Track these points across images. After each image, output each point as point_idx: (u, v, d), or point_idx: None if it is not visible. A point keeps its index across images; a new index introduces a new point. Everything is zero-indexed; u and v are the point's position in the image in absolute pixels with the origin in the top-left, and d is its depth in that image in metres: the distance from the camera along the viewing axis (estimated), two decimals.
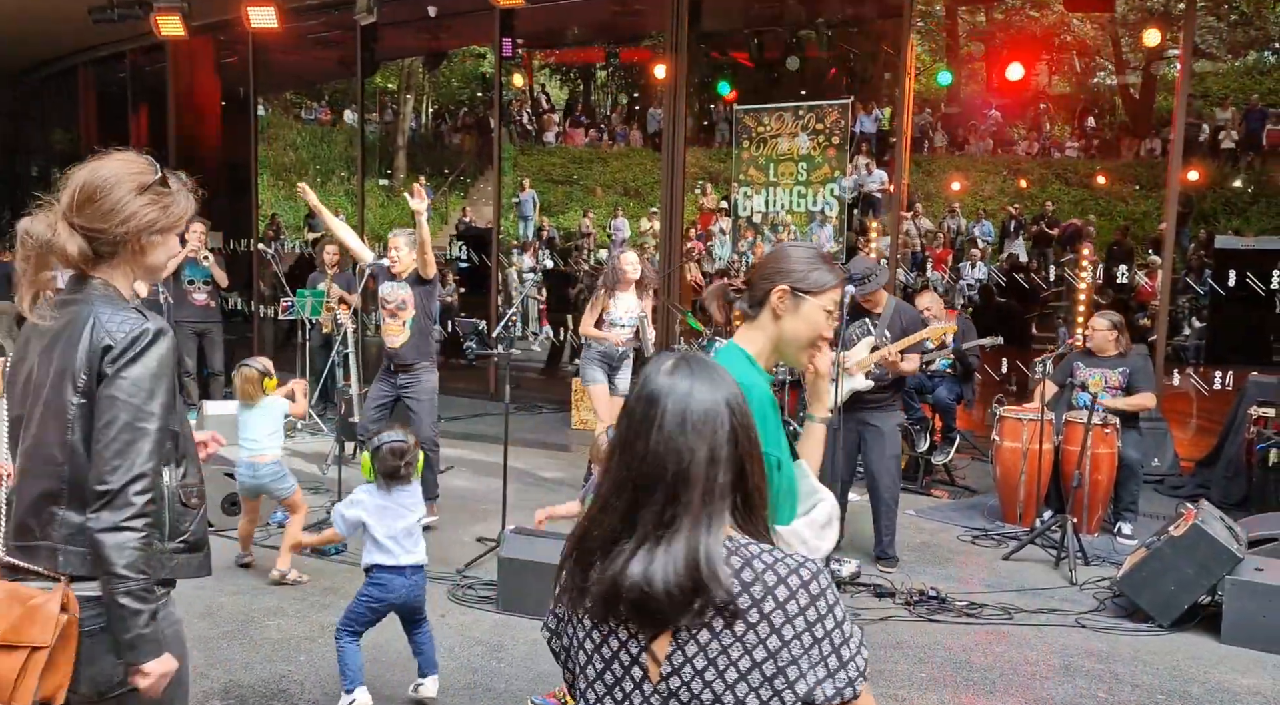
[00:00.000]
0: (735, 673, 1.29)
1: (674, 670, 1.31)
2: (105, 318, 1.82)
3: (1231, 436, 6.98)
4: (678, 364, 1.41)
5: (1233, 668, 4.14)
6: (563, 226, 18.63)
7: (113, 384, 1.78)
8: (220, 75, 13.30)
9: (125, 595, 1.75)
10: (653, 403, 1.36)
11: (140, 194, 1.86)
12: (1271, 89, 17.89)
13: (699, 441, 1.34)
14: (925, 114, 18.28)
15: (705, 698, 1.30)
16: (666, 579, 1.28)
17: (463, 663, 4.03)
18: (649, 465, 1.34)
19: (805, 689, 1.29)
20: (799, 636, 1.29)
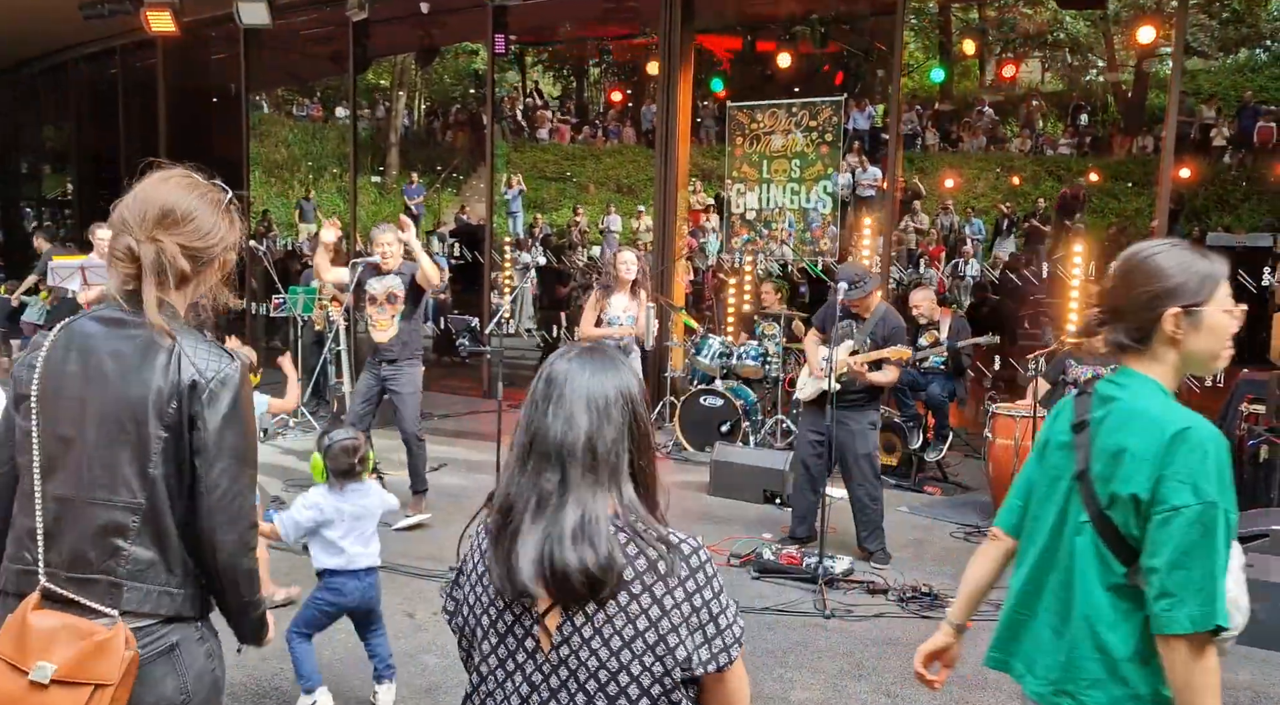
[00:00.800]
0: (620, 641, 1.38)
1: (564, 640, 1.40)
2: (190, 349, 1.78)
3: (1222, 433, 7.01)
4: (582, 352, 1.50)
5: (1224, 663, 4.12)
6: (555, 224, 18.62)
7: (222, 433, 1.78)
8: (211, 71, 13.25)
9: (255, 610, 1.95)
10: (552, 383, 1.46)
11: (223, 215, 1.88)
12: (1263, 86, 17.96)
13: (599, 419, 1.43)
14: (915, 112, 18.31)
15: (591, 665, 1.39)
16: (575, 553, 1.37)
17: (455, 660, 4.01)
18: (549, 440, 1.43)
19: (684, 655, 1.38)
20: (678, 606, 1.38)
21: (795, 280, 11.89)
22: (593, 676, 1.39)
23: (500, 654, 1.46)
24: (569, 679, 1.41)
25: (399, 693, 3.72)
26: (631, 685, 1.38)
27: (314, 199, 18.68)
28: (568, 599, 1.38)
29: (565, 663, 1.40)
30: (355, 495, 3.50)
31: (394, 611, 4.51)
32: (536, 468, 1.43)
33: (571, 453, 1.41)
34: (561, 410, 1.43)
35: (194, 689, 1.84)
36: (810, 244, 9.32)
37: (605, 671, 1.39)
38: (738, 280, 9.91)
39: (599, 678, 1.39)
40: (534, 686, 1.43)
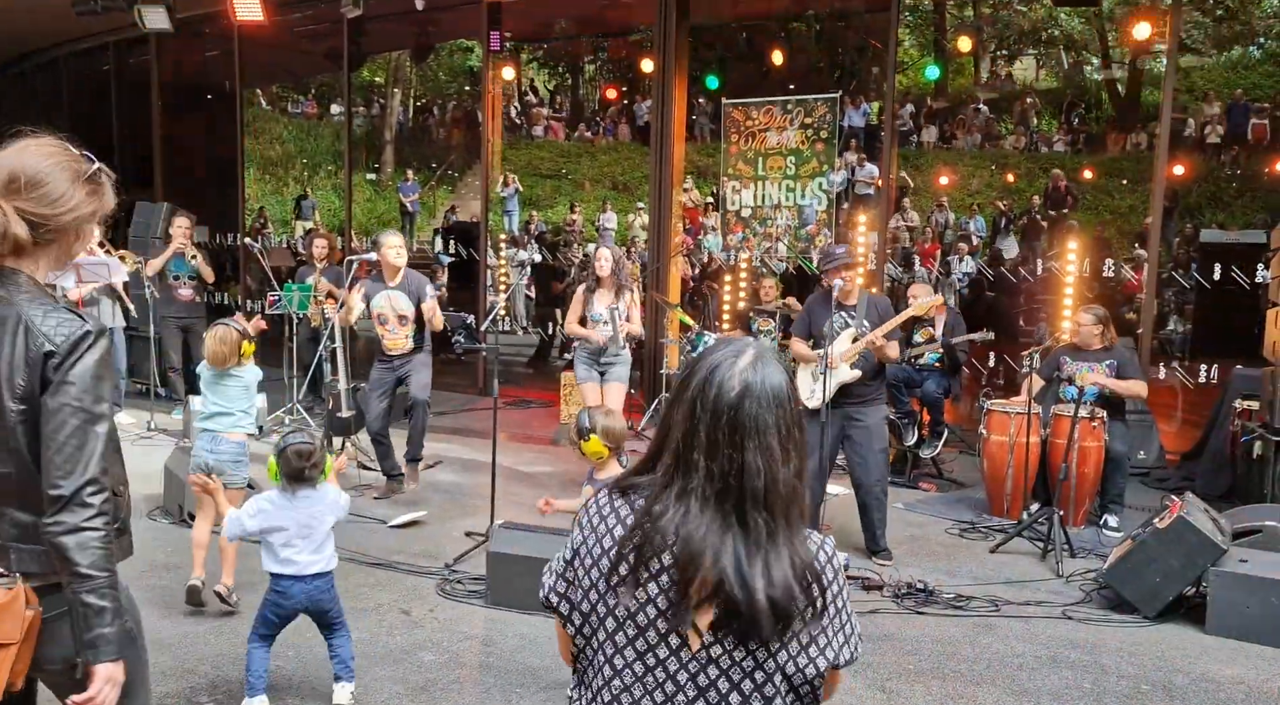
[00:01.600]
0: (777, 642, 1.38)
1: (716, 640, 1.38)
2: (39, 319, 1.78)
3: (1216, 429, 7.03)
4: (757, 359, 1.42)
5: (1217, 658, 4.17)
6: (551, 221, 18.60)
7: (60, 390, 1.78)
8: (206, 68, 13.21)
9: (90, 593, 1.77)
10: (738, 406, 1.38)
11: (80, 184, 1.85)
12: (1256, 83, 18.00)
13: (794, 451, 1.40)
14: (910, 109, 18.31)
15: (747, 665, 1.38)
16: (782, 595, 1.35)
17: (452, 657, 4.03)
18: (750, 475, 1.37)
19: (833, 654, 1.43)
20: (828, 606, 1.41)
21: (791, 276, 11.89)
22: (748, 676, 1.39)
23: (638, 646, 1.41)
24: (719, 677, 1.39)
25: (394, 689, 3.72)
26: (783, 683, 1.41)
27: (313, 198, 18.64)
28: (757, 637, 1.37)
29: (716, 661, 1.39)
30: (306, 502, 3.46)
31: (389, 608, 4.52)
32: (738, 507, 1.36)
33: (776, 491, 1.37)
34: (755, 441, 1.37)
35: None
36: (805, 241, 9.32)
37: (761, 672, 1.39)
38: (733, 277, 9.91)
39: (755, 678, 1.39)
40: (679, 684, 1.40)
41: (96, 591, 1.77)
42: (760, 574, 1.34)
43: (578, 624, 1.48)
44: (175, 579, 4.77)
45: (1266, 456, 5.96)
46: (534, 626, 4.29)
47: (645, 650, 1.41)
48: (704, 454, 1.37)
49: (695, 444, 1.38)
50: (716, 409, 1.37)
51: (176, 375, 8.93)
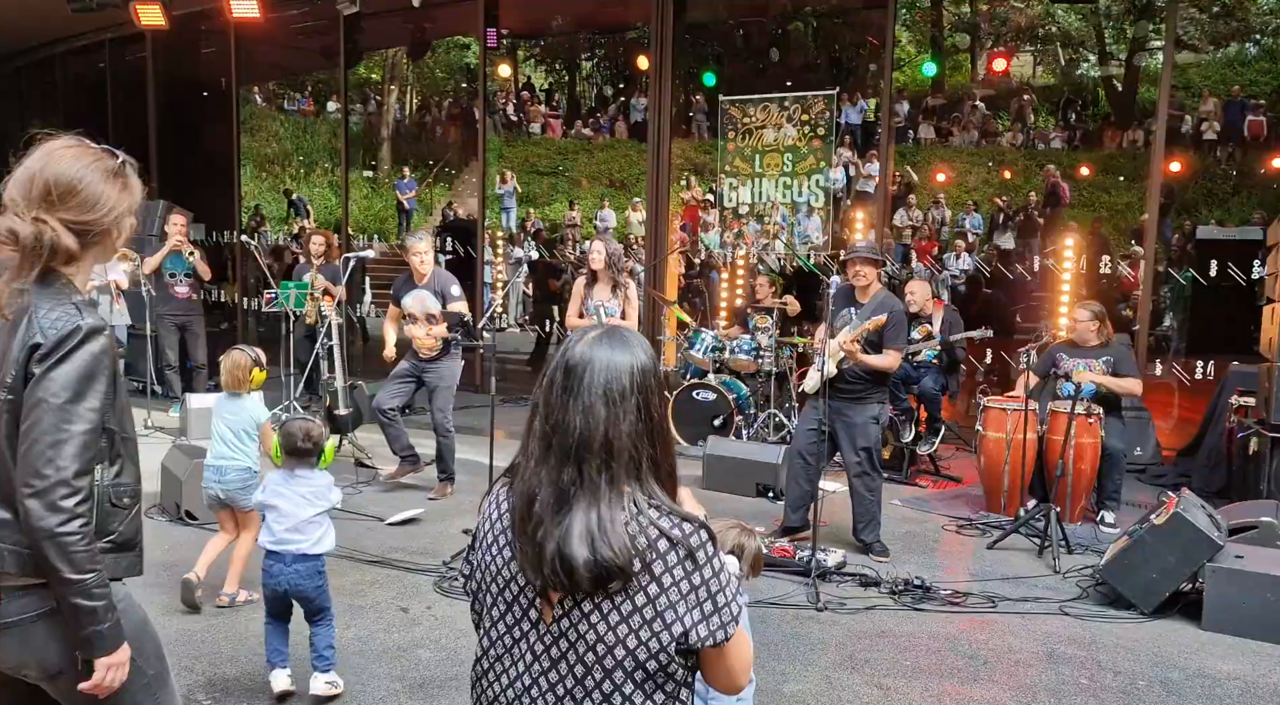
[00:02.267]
0: (618, 616, 1.42)
1: (564, 612, 1.45)
2: (41, 313, 1.76)
3: (1212, 425, 7.05)
4: (599, 335, 1.51)
5: (1213, 653, 4.18)
6: (548, 218, 18.59)
7: (39, 385, 1.73)
8: (201, 65, 13.18)
9: (78, 596, 1.74)
10: (571, 372, 1.47)
11: (113, 180, 1.84)
12: (1253, 80, 18.02)
13: (616, 411, 1.45)
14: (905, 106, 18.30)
15: (590, 637, 1.44)
16: (589, 550, 1.39)
17: (450, 654, 4.03)
18: (569, 434, 1.44)
19: (680, 630, 1.42)
20: (676, 584, 1.42)
21: (788, 273, 11.90)
22: (590, 649, 1.44)
23: (508, 621, 1.52)
24: (568, 650, 1.46)
25: (392, 686, 3.72)
26: (627, 658, 1.43)
27: (302, 196, 18.61)
28: (578, 592, 1.42)
29: (565, 635, 1.46)
30: (303, 482, 3.59)
31: (387, 606, 4.52)
32: (558, 462, 1.45)
33: (589, 448, 1.43)
34: (580, 401, 1.45)
35: None
36: (802, 238, 9.32)
37: (602, 645, 1.43)
38: (730, 274, 9.91)
39: (596, 650, 1.43)
40: (536, 656, 1.48)
41: (85, 592, 1.74)
42: (568, 528, 1.40)
43: (472, 602, 1.61)
44: (172, 577, 4.77)
45: (1262, 452, 5.97)
46: None
47: (513, 623, 1.51)
48: (540, 416, 1.49)
49: (536, 410, 1.50)
50: (553, 378, 1.49)
51: (173, 373, 8.92)
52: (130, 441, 1.96)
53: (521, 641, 1.50)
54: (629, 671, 1.43)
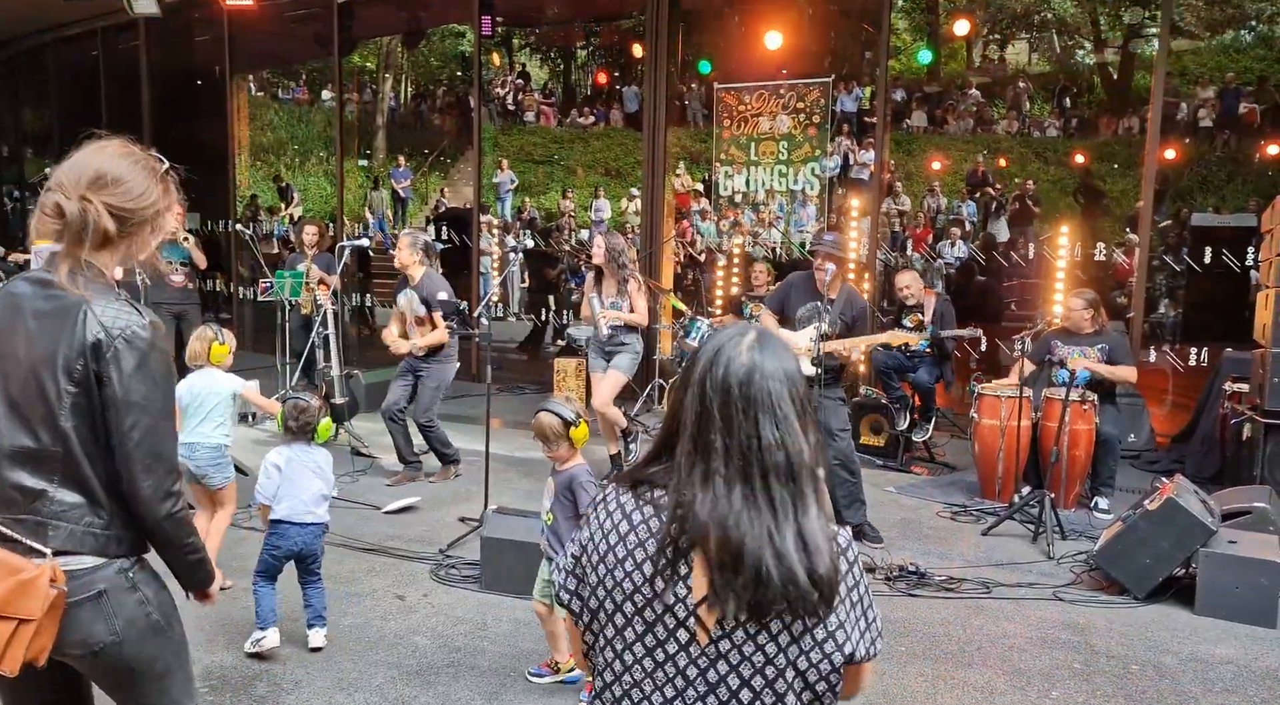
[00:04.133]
0: (788, 636, 1.35)
1: (725, 634, 1.35)
2: (99, 309, 1.87)
3: (1206, 412, 7.07)
4: (759, 341, 1.41)
5: (1206, 638, 4.21)
6: (543, 207, 18.55)
7: (131, 388, 1.87)
8: (195, 54, 13.11)
9: (192, 554, 2.04)
10: (749, 383, 1.37)
11: (154, 178, 1.98)
12: (1247, 68, 18.01)
13: (807, 422, 1.38)
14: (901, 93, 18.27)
15: (757, 660, 1.35)
16: (823, 564, 1.34)
17: (446, 641, 4.04)
18: (769, 449, 1.35)
19: (850, 649, 1.39)
20: (843, 601, 1.38)
21: (783, 262, 11.90)
22: (758, 672, 1.36)
23: (648, 642, 1.40)
24: (729, 673, 1.36)
25: (389, 674, 3.74)
26: (797, 679, 1.37)
27: (290, 184, 18.56)
28: (808, 612, 1.34)
29: (725, 657, 1.36)
30: (304, 454, 3.90)
31: (384, 594, 4.53)
32: (763, 479, 1.34)
33: (800, 463, 1.35)
34: (772, 415, 1.36)
35: (125, 632, 1.94)
36: (797, 226, 9.32)
37: (772, 667, 1.36)
38: (725, 262, 9.91)
39: (765, 673, 1.36)
40: (689, 680, 1.38)
41: (196, 551, 2.04)
42: (795, 548, 1.32)
43: (587, 621, 1.47)
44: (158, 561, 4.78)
45: (1255, 438, 5.99)
46: (527, 611, 4.31)
47: (654, 645, 1.39)
48: (720, 433, 1.35)
49: (711, 425, 1.36)
50: (726, 386, 1.36)
51: None
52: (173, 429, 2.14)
53: (667, 664, 1.38)
54: (797, 692, 1.37)
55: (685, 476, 1.38)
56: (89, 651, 1.92)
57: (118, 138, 2.00)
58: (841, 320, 5.27)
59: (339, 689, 3.61)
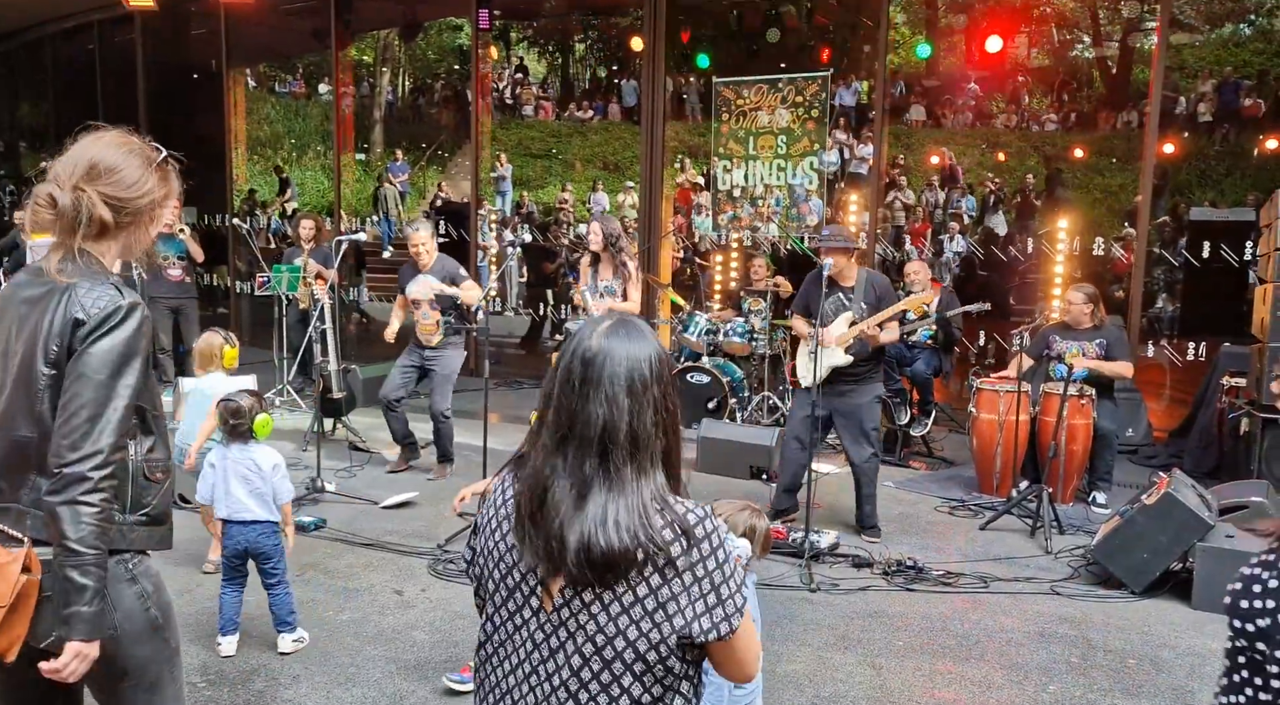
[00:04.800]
0: (618, 606, 1.41)
1: (564, 602, 1.44)
2: (82, 292, 1.85)
3: (1204, 406, 7.08)
4: (613, 326, 1.49)
5: (1203, 632, 4.22)
6: (541, 201, 18.52)
7: (80, 360, 1.81)
8: (191, 47, 13.07)
9: (74, 568, 1.75)
10: (590, 364, 1.44)
11: (150, 169, 1.95)
12: (1246, 61, 17.98)
13: (638, 403, 1.43)
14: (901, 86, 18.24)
15: (590, 628, 1.42)
16: (618, 539, 1.38)
17: (444, 636, 4.04)
18: (591, 425, 1.42)
19: (682, 623, 1.40)
20: (680, 575, 1.40)
21: (781, 256, 11.89)
22: (590, 640, 1.42)
23: (510, 607, 1.51)
24: (567, 640, 1.44)
25: (387, 668, 3.74)
26: (627, 650, 1.41)
27: (288, 176, 18.52)
28: (598, 581, 1.40)
29: (565, 624, 1.44)
30: (241, 453, 3.84)
31: (382, 589, 4.53)
32: (578, 452, 1.43)
33: (613, 439, 1.42)
34: (601, 392, 1.43)
35: (123, 626, 1.90)
36: (796, 220, 9.30)
37: (602, 635, 1.42)
38: (724, 257, 9.90)
39: (595, 641, 1.42)
40: (535, 644, 1.47)
41: (81, 568, 1.75)
42: (593, 518, 1.39)
43: (475, 589, 1.59)
44: (165, 560, 4.77)
45: (1253, 433, 6.00)
46: None
47: (514, 610, 1.50)
48: (554, 408, 1.46)
49: (551, 402, 1.47)
50: (570, 368, 1.46)
51: (166, 357, 8.89)
52: (160, 418, 2.05)
53: (522, 629, 1.49)
54: (628, 663, 1.41)
55: (530, 449, 1.51)
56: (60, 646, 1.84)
57: (115, 129, 1.98)
58: (866, 303, 5.28)
59: (336, 684, 3.61)
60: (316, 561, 4.83)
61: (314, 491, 5.81)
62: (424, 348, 6.37)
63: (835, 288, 5.33)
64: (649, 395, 1.44)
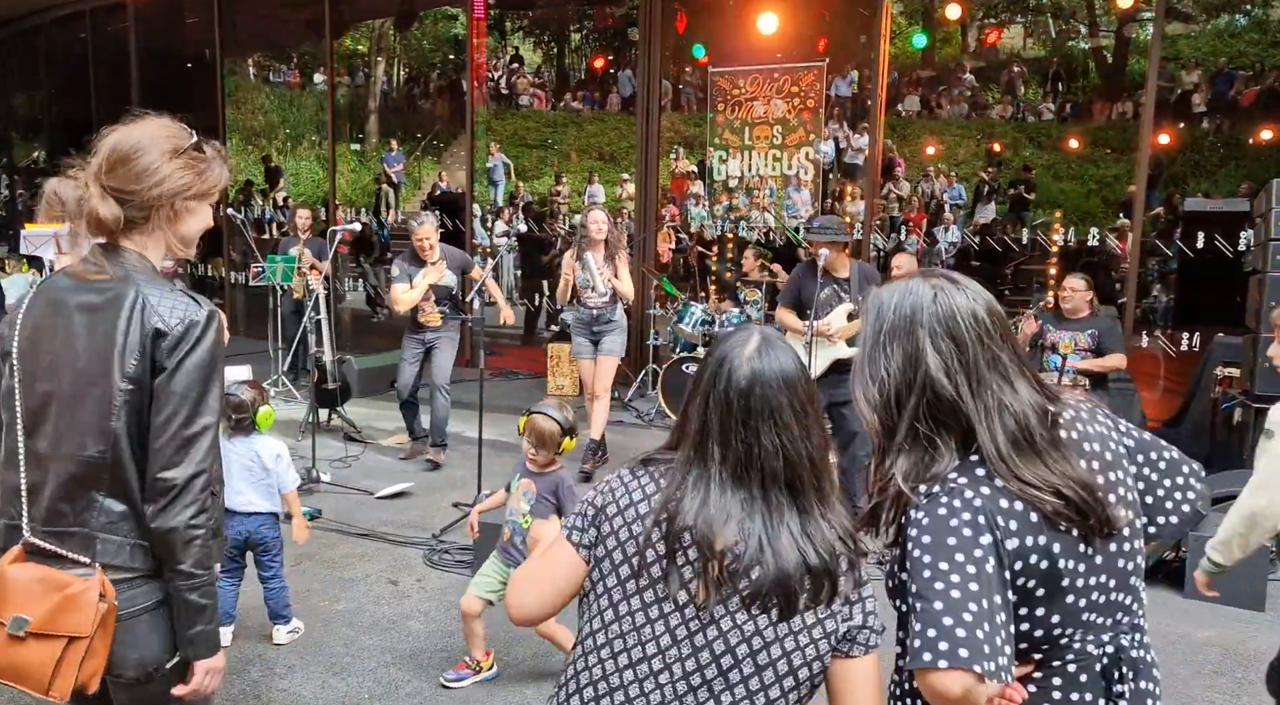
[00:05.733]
0: (786, 625, 1.41)
1: (721, 600, 1.41)
2: (155, 300, 1.73)
3: (1197, 397, 7.10)
4: (761, 347, 1.47)
5: (1195, 621, 4.24)
6: (537, 192, 18.47)
7: (174, 376, 1.71)
8: (185, 36, 13.01)
9: (192, 592, 1.73)
10: (748, 395, 1.43)
11: (174, 158, 1.79)
12: (1241, 51, 17.98)
13: (808, 426, 1.44)
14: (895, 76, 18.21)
15: (748, 629, 1.40)
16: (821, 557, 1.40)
17: (439, 626, 4.05)
18: (770, 456, 1.42)
19: (838, 638, 1.43)
20: (847, 601, 1.44)
21: (776, 246, 11.89)
22: (745, 641, 1.40)
23: (646, 597, 1.44)
24: (716, 639, 1.41)
25: (382, 658, 3.75)
26: (782, 660, 1.40)
27: (280, 166, 18.47)
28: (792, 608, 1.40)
29: (717, 623, 1.41)
30: (243, 446, 3.80)
31: (377, 579, 4.54)
32: (761, 485, 1.42)
33: (794, 467, 1.42)
34: (771, 422, 1.42)
35: (161, 659, 1.80)
36: (791, 211, 9.30)
37: (759, 638, 1.40)
38: (719, 247, 9.90)
39: (752, 643, 1.40)
40: (675, 640, 1.42)
41: (198, 589, 1.74)
42: (789, 545, 1.39)
43: (589, 567, 1.51)
44: None
45: (1246, 423, 6.02)
46: None
47: (653, 601, 1.44)
48: (718, 442, 1.43)
49: (709, 434, 1.44)
50: (727, 398, 1.43)
51: None
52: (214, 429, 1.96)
53: (659, 621, 1.43)
54: (780, 674, 1.41)
55: (680, 479, 1.45)
56: (144, 673, 1.77)
57: (153, 114, 1.84)
58: (861, 295, 5.28)
59: (332, 673, 3.62)
60: (311, 552, 4.83)
61: (309, 482, 5.82)
62: (423, 332, 6.39)
63: (829, 279, 5.32)
64: (810, 418, 1.45)
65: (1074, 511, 1.37)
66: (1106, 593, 1.43)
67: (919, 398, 1.42)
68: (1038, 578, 1.38)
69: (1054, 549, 1.38)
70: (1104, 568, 1.43)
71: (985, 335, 1.43)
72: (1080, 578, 1.40)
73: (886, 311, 1.48)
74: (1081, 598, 1.41)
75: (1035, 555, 1.37)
